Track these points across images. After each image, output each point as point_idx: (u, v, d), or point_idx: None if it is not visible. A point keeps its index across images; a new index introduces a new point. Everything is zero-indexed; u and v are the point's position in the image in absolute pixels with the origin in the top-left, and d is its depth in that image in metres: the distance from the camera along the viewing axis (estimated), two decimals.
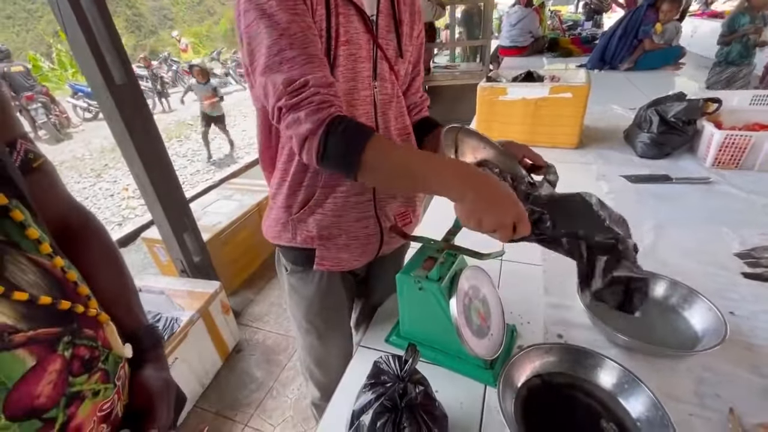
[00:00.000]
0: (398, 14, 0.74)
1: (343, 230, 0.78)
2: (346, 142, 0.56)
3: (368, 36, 0.68)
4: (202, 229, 1.93)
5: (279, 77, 0.56)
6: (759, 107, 1.70)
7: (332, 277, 0.86)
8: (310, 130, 0.56)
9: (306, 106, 0.56)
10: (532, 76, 1.86)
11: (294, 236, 0.79)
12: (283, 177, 0.76)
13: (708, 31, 7.62)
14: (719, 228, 1.11)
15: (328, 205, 0.76)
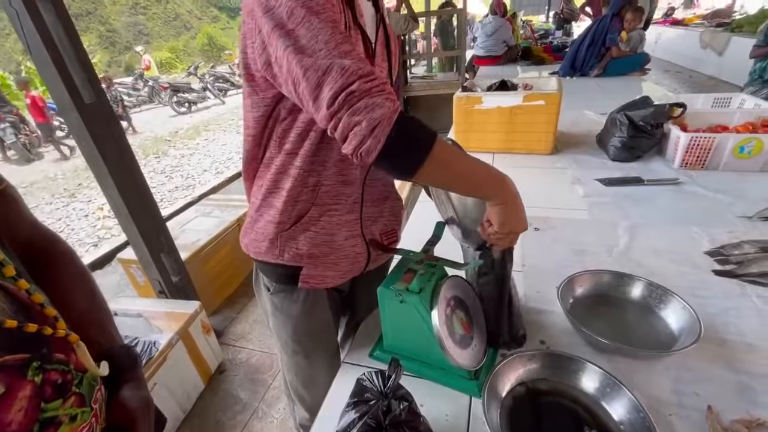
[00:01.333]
0: (390, 44, 0.78)
1: (334, 249, 0.77)
2: (419, 136, 0.55)
3: (368, 59, 0.69)
4: (181, 247, 1.88)
5: (347, 62, 0.52)
6: (720, 110, 1.78)
7: (317, 294, 0.84)
8: (386, 115, 0.52)
9: (380, 93, 0.52)
10: (506, 84, 1.90)
11: (281, 253, 0.76)
12: (271, 190, 0.73)
13: (671, 38, 8.03)
14: (689, 228, 1.15)
15: (322, 222, 0.74)
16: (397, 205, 0.91)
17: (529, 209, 1.33)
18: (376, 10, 0.74)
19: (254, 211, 0.78)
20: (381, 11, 0.76)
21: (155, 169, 5.64)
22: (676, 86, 5.63)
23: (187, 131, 7.78)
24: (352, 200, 0.77)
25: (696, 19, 8.07)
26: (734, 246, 1.02)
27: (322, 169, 0.71)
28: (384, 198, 0.84)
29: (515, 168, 1.70)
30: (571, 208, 1.33)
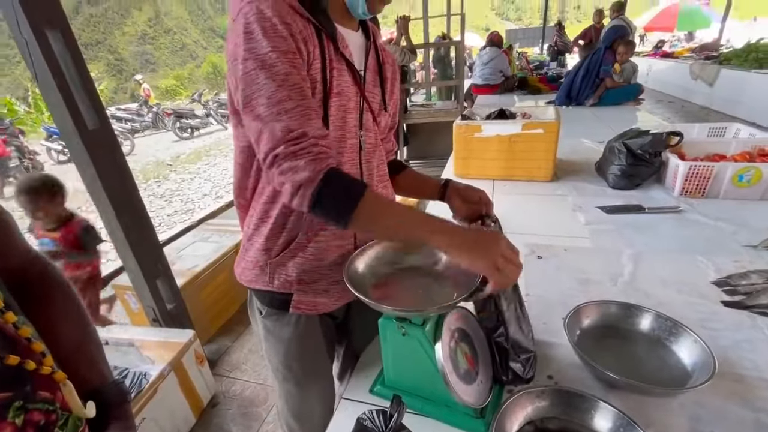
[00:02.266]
0: (383, 71, 0.81)
1: (323, 275, 0.77)
2: (342, 196, 0.58)
3: (356, 89, 0.73)
4: (178, 273, 1.85)
5: (278, 125, 0.58)
6: (716, 139, 1.80)
7: (310, 319, 0.83)
8: (308, 178, 0.57)
9: (304, 155, 0.57)
10: (504, 113, 1.93)
11: (271, 280, 0.77)
12: (262, 218, 0.75)
13: (662, 69, 8.29)
14: (694, 256, 1.13)
15: (310, 249, 0.75)
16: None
17: (532, 237, 1.33)
18: (367, 38, 0.77)
19: (246, 240, 0.80)
20: (373, 39, 0.78)
21: (155, 193, 5.65)
22: (670, 115, 5.77)
23: (189, 156, 7.86)
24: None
25: (685, 52, 8.38)
26: (741, 276, 1.01)
27: None
28: None
29: (516, 195, 1.70)
30: (574, 236, 1.32)
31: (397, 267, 0.75)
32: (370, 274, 0.72)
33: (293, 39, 0.60)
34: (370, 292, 0.70)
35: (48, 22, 1.16)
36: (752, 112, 5.08)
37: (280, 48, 0.58)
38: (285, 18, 0.59)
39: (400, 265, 0.75)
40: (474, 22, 50.09)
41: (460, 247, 0.58)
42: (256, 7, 0.58)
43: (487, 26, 54.09)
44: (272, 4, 0.59)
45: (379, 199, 0.62)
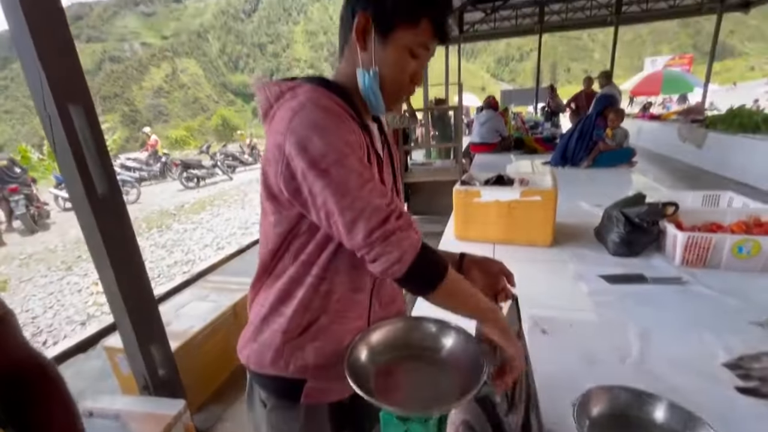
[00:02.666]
0: (393, 157, 0.84)
1: (341, 358, 0.73)
2: (432, 271, 0.65)
3: (379, 176, 0.74)
4: (173, 335, 1.80)
5: (379, 201, 0.61)
6: (712, 208, 1.84)
7: (319, 410, 0.78)
8: (415, 244, 0.63)
9: (407, 228, 0.63)
10: (503, 178, 1.99)
11: (287, 365, 0.73)
12: (283, 298, 0.73)
13: (652, 130, 8.67)
14: (701, 334, 1.11)
15: (332, 331, 0.74)
16: (402, 310, 0.91)
17: (535, 308, 1.31)
18: (380, 129, 0.82)
19: (259, 320, 0.76)
20: (383, 129, 0.83)
21: (157, 243, 5.66)
22: (663, 175, 5.93)
23: (193, 206, 7.98)
24: (361, 307, 0.77)
25: (672, 115, 8.81)
26: (753, 358, 0.98)
27: (335, 277, 0.73)
28: (392, 301, 0.85)
29: (516, 261, 1.68)
30: (577, 309, 1.30)
31: (399, 354, 0.73)
32: (371, 362, 0.70)
33: (353, 131, 0.65)
34: (372, 382, 0.68)
35: (71, 99, 1.24)
36: (743, 173, 5.24)
37: (349, 140, 0.62)
38: (342, 114, 0.64)
39: (403, 353, 0.74)
40: (470, 82, 53.29)
41: (497, 325, 0.68)
42: (321, 104, 0.62)
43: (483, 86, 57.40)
44: (331, 102, 0.64)
45: (456, 278, 0.68)
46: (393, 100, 0.73)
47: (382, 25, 0.66)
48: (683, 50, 49.97)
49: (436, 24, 0.67)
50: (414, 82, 0.72)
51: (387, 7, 0.65)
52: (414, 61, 0.69)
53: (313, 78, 0.71)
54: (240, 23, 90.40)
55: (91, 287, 4.30)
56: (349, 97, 0.69)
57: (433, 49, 0.72)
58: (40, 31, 1.16)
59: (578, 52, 70.40)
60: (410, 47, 0.67)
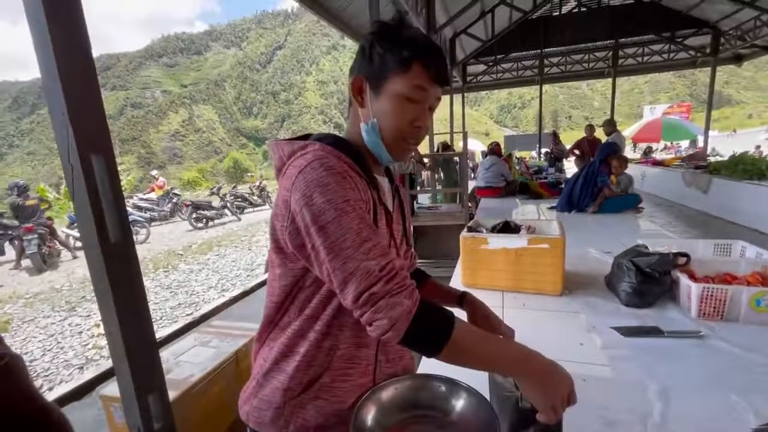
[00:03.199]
0: (404, 208, 0.87)
1: (344, 419, 0.71)
2: (435, 330, 0.60)
3: (388, 229, 0.77)
4: (172, 384, 1.74)
5: (371, 263, 0.59)
6: (724, 258, 1.81)
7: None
8: (407, 311, 0.58)
9: (400, 290, 0.59)
10: (509, 225, 2.00)
11: (286, 425, 0.71)
12: (285, 353, 0.72)
13: (656, 175, 8.75)
14: (727, 395, 1.05)
15: (334, 389, 0.72)
16: (410, 365, 0.88)
17: None
18: (390, 181, 0.86)
19: (261, 375, 0.75)
20: (395, 183, 0.86)
21: (162, 284, 5.63)
22: (671, 220, 5.90)
23: (200, 246, 8.02)
24: (366, 363, 0.75)
25: (675, 161, 8.93)
26: None
27: (339, 333, 0.71)
28: (400, 358, 0.84)
29: (526, 310, 1.66)
30: (591, 362, 1.25)
31: (408, 416, 0.70)
32: (378, 424, 0.67)
33: (358, 189, 0.66)
34: None
35: (94, 150, 1.30)
36: (752, 219, 5.19)
37: (351, 197, 0.63)
38: (347, 173, 0.66)
39: (411, 414, 0.71)
40: (474, 128, 54.95)
41: (533, 377, 0.61)
42: (326, 163, 0.64)
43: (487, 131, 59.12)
44: (336, 161, 0.66)
45: (467, 333, 0.62)
46: (397, 148, 0.73)
47: (375, 80, 0.70)
48: (680, 99, 51.61)
49: (426, 65, 0.68)
50: (417, 126, 0.72)
51: (375, 64, 0.70)
52: (413, 106, 0.70)
53: (325, 136, 0.74)
54: (255, 73, 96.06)
55: (92, 329, 4.23)
56: (358, 154, 0.72)
57: (436, 93, 0.72)
58: (70, 83, 1.24)
59: (578, 100, 72.99)
60: (404, 93, 0.69)
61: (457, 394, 0.71)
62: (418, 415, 0.71)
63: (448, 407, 0.70)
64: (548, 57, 11.78)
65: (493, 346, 0.63)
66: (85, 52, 1.30)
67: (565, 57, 12.01)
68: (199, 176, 26.85)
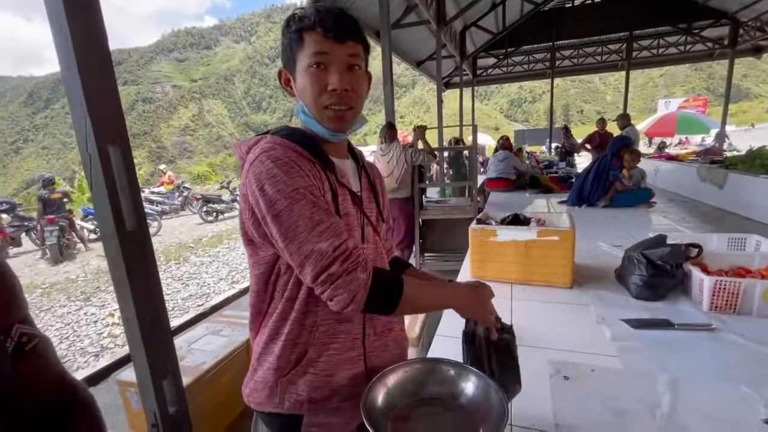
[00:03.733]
0: (375, 187, 0.89)
1: (335, 390, 0.75)
2: (390, 294, 0.68)
3: (356, 208, 0.79)
4: (185, 371, 1.78)
5: (324, 245, 0.64)
6: (738, 252, 1.78)
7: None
8: (363, 286, 0.65)
9: (355, 267, 0.65)
10: (519, 218, 1.99)
11: (281, 401, 0.75)
12: (272, 337, 0.76)
13: (669, 170, 8.57)
14: (738, 386, 1.04)
15: (321, 363, 0.75)
16: (401, 336, 0.91)
17: (556, 353, 1.27)
18: (357, 163, 0.87)
19: (255, 359, 0.80)
20: (361, 163, 0.88)
21: (173, 275, 5.73)
22: (684, 215, 5.78)
23: (211, 239, 8.13)
24: (352, 336, 0.78)
25: (689, 156, 8.74)
26: None
27: (317, 310, 0.75)
28: (388, 330, 0.85)
29: (535, 302, 1.66)
30: (600, 353, 1.25)
31: (417, 398, 0.72)
32: (388, 406, 0.69)
33: (308, 174, 0.69)
34: (390, 427, 0.66)
35: (111, 140, 1.33)
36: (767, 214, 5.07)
37: (301, 184, 0.66)
38: (297, 160, 0.69)
39: (420, 396, 0.72)
40: (484, 122, 54.47)
41: (466, 308, 0.78)
42: (272, 155, 0.67)
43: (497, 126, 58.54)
44: (283, 151, 0.68)
45: (412, 290, 0.70)
46: (325, 118, 0.73)
47: (290, 69, 0.73)
48: (697, 93, 50.37)
49: (318, 28, 0.67)
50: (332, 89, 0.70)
51: (285, 54, 0.73)
52: (320, 72, 0.69)
53: (280, 129, 0.77)
54: (264, 67, 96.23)
55: (107, 318, 4.34)
56: (310, 141, 0.74)
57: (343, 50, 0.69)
58: (88, 75, 1.27)
59: (590, 95, 71.72)
60: (307, 64, 0.69)
61: (466, 377, 0.72)
62: (426, 397, 0.72)
63: (457, 390, 0.72)
64: (560, 50, 11.58)
65: (431, 293, 0.76)
66: (102, 45, 1.32)
67: (577, 50, 11.79)
68: (209, 170, 27.10)
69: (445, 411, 0.70)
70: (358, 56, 0.72)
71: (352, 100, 0.73)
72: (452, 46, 8.07)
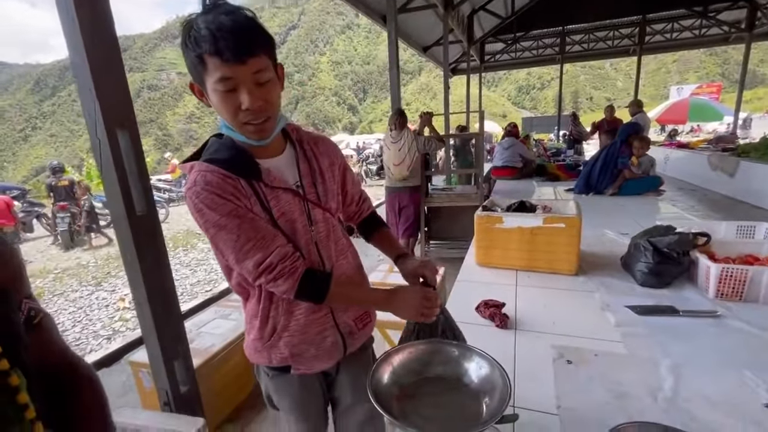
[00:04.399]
0: (317, 166, 0.91)
1: (311, 343, 0.91)
2: (316, 291, 0.82)
3: (297, 198, 0.85)
4: (195, 353, 1.83)
5: (249, 263, 0.77)
6: (747, 239, 1.77)
7: (310, 377, 0.98)
8: (290, 288, 0.79)
9: (280, 276, 0.78)
10: (525, 205, 1.99)
11: (270, 359, 0.92)
12: (252, 314, 0.92)
13: (680, 158, 8.43)
14: (741, 372, 1.05)
15: (293, 326, 0.89)
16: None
17: (559, 338, 1.28)
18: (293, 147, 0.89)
19: (246, 330, 0.96)
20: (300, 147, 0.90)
21: (182, 261, 5.82)
22: (693, 203, 5.70)
23: None
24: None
25: (701, 143, 8.57)
26: None
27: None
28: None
29: (540, 288, 1.67)
30: (604, 339, 1.26)
31: (422, 376, 0.73)
32: (393, 384, 0.70)
33: (230, 198, 0.76)
34: (394, 404, 0.68)
35: (120, 125, 1.34)
36: None
37: (224, 212, 0.75)
38: (218, 189, 0.75)
39: (426, 374, 0.74)
40: (491, 110, 53.74)
41: (395, 310, 0.83)
42: (196, 191, 0.75)
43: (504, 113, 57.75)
44: (205, 187, 0.75)
45: (340, 286, 0.85)
46: (246, 131, 0.76)
47: (200, 85, 0.74)
48: (710, 78, 49.09)
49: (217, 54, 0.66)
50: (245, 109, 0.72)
51: (191, 71, 0.73)
52: (230, 95, 0.71)
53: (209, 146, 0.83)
54: None
55: (117, 303, 4.43)
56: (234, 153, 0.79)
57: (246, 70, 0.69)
58: (96, 60, 1.28)
59: (600, 81, 70.22)
60: (216, 90, 0.70)
61: (470, 357, 0.74)
62: (431, 377, 0.74)
63: (461, 370, 0.73)
64: (570, 34, 11.31)
65: (360, 296, 0.90)
66: (109, 29, 1.32)
67: (588, 34, 11.50)
68: None
69: (449, 390, 0.71)
70: (263, 70, 0.71)
71: (267, 111, 0.75)
72: (459, 31, 7.91)
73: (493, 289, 1.65)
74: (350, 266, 0.98)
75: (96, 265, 5.96)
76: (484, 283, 1.76)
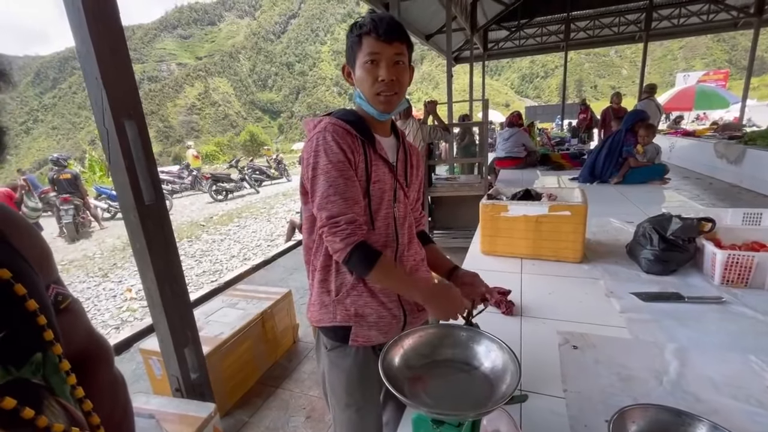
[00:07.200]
0: (410, 160, 1.10)
1: (374, 309, 0.99)
2: (363, 263, 0.89)
3: (391, 175, 1.01)
4: (204, 341, 1.86)
5: (324, 213, 0.89)
6: (753, 226, 1.77)
7: (366, 351, 1.02)
8: (342, 248, 0.88)
9: (339, 233, 0.87)
10: (530, 193, 1.99)
11: (335, 316, 0.99)
12: (322, 270, 1.00)
13: (685, 147, 8.38)
14: (746, 356, 1.06)
15: (361, 287, 0.98)
16: (427, 277, 1.13)
17: (565, 324, 1.29)
18: (398, 139, 1.08)
19: (314, 289, 1.03)
20: (401, 141, 1.08)
21: (186, 252, 5.86)
22: (699, 192, 5.69)
23: (221, 217, 8.24)
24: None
25: (707, 131, 8.49)
26: None
27: None
28: (415, 270, 1.07)
29: (545, 276, 1.68)
30: (609, 325, 1.27)
31: (433, 359, 0.75)
32: (404, 366, 0.72)
33: (344, 153, 0.90)
34: (406, 386, 0.69)
35: (127, 115, 1.35)
36: None
37: (333, 162, 0.89)
38: (340, 140, 0.90)
39: (436, 358, 0.75)
40: (494, 99, 53.17)
41: (432, 305, 0.88)
42: (324, 136, 0.91)
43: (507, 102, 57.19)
44: (333, 131, 0.91)
45: (386, 267, 0.90)
46: (376, 101, 0.94)
47: (351, 64, 0.95)
48: (718, 65, 48.31)
49: (372, 33, 0.88)
50: (381, 80, 0.91)
51: (349, 53, 0.95)
52: (373, 67, 0.91)
53: (338, 111, 1.00)
54: (270, 44, 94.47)
55: (125, 293, 4.48)
56: (358, 120, 0.97)
57: (390, 50, 0.89)
58: (102, 49, 1.28)
59: (605, 69, 69.23)
60: (363, 61, 0.91)
61: (480, 341, 0.75)
62: (440, 360, 0.75)
63: (471, 353, 0.74)
64: (575, 21, 11.12)
65: (402, 282, 0.93)
66: (115, 18, 1.32)
67: (593, 20, 11.31)
68: (217, 150, 27.13)
69: (460, 371, 0.73)
70: (402, 54, 0.92)
71: (396, 87, 0.93)
72: (462, 18, 7.80)
73: (498, 277, 1.66)
74: (417, 255, 1.09)
75: (102, 257, 6.02)
76: (489, 271, 1.77)
